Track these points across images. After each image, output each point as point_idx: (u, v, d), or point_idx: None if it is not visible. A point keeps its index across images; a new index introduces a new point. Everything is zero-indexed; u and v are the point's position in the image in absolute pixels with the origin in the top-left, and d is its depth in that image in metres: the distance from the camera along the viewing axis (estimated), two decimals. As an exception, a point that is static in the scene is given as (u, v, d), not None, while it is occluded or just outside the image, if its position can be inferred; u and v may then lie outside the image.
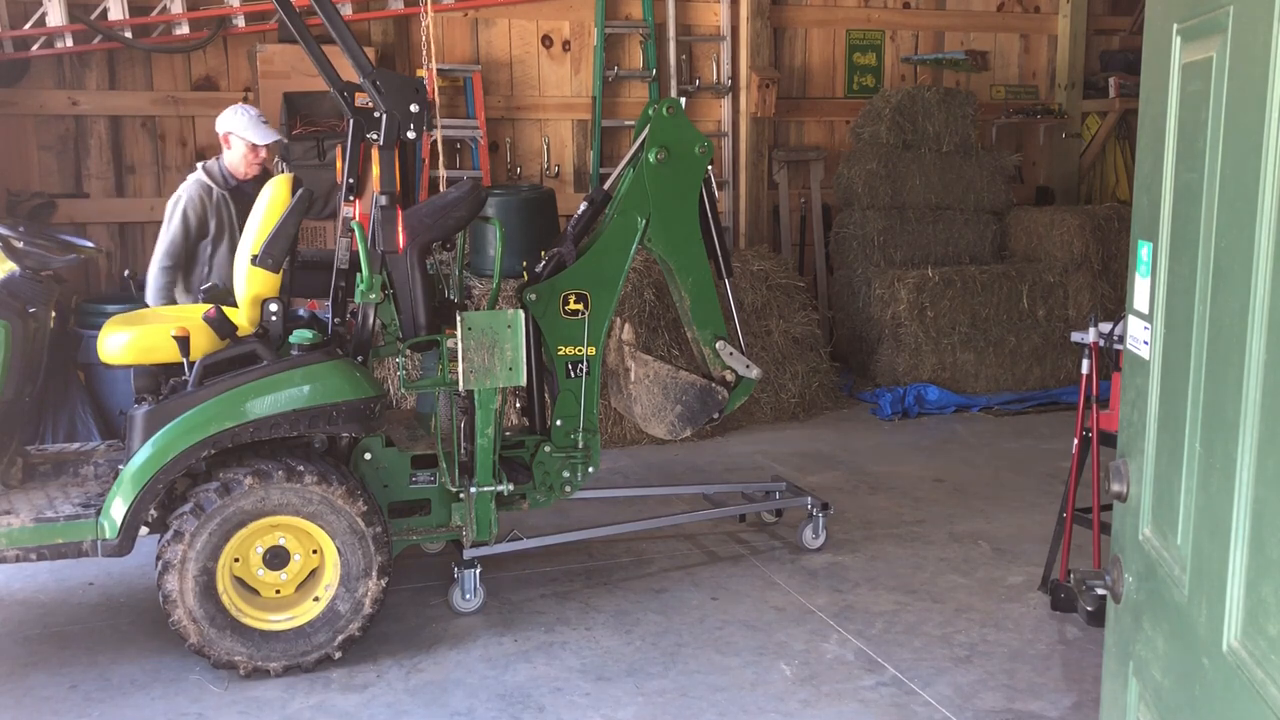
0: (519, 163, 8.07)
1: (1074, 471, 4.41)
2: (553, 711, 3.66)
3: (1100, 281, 8.12)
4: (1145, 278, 1.84)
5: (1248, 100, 1.40)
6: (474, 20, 7.84)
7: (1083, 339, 4.38)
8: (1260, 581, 1.35)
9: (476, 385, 4.05)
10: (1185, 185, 1.65)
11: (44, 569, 4.71)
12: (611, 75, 8.11)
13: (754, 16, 8.26)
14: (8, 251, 3.94)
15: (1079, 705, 3.69)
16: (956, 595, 4.57)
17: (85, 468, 4.24)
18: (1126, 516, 1.90)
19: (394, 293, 4.11)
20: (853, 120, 8.60)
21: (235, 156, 5.20)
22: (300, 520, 3.83)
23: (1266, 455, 1.34)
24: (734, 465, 6.38)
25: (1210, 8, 1.55)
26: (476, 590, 4.36)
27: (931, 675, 3.89)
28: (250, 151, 5.19)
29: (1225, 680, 1.44)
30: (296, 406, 3.79)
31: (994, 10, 9.22)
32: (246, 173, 5.22)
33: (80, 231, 6.68)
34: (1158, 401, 1.77)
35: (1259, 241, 1.36)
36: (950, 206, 8.40)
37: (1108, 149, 9.56)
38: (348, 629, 3.89)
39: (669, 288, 4.97)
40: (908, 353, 7.78)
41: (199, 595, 3.74)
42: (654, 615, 4.39)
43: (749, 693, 3.78)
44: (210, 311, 3.88)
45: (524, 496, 4.51)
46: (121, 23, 6.82)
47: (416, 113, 4.01)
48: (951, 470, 6.32)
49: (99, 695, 3.76)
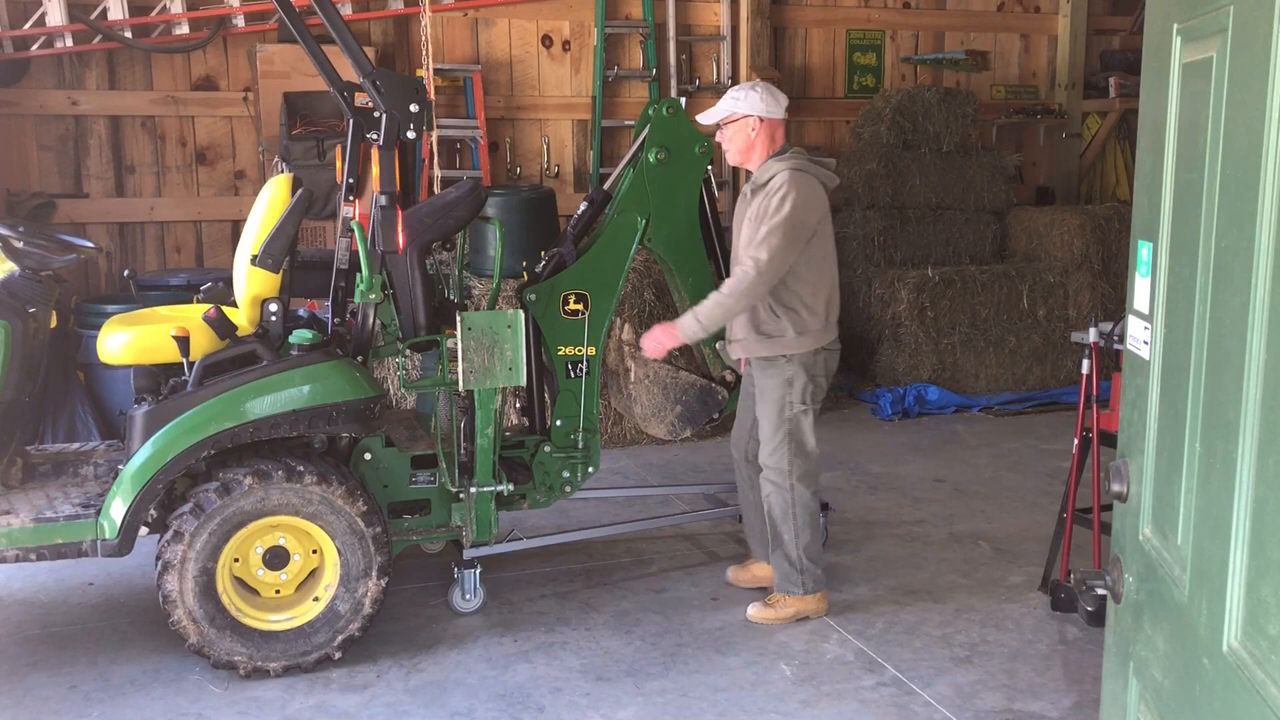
0: (519, 163, 8.07)
1: (1074, 471, 4.41)
2: (553, 711, 3.66)
3: (1100, 281, 8.12)
4: (1145, 278, 1.84)
5: (1248, 100, 1.40)
6: (474, 20, 7.84)
7: (1083, 339, 4.38)
8: (1260, 581, 1.35)
9: (476, 385, 4.05)
10: (1185, 185, 1.65)
11: (44, 569, 4.71)
12: (611, 75, 8.11)
13: (754, 16, 8.26)
14: (8, 251, 3.94)
15: (1079, 705, 3.69)
16: (956, 595, 4.57)
17: (85, 468, 4.24)
18: (1126, 516, 1.90)
19: (394, 293, 4.11)
20: (853, 120, 8.61)
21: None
22: (300, 520, 3.83)
23: (1266, 455, 1.34)
24: (734, 465, 6.36)
25: (1210, 8, 1.54)
26: (476, 590, 4.36)
27: (931, 675, 3.89)
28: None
29: (1225, 680, 1.44)
30: (296, 406, 3.79)
31: (994, 10, 9.22)
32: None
33: (80, 231, 6.68)
34: (1158, 401, 1.77)
35: (1259, 241, 1.36)
36: (950, 206, 8.40)
37: (1108, 149, 9.56)
38: (348, 629, 3.89)
39: (669, 288, 4.97)
40: (908, 353, 7.78)
41: (199, 595, 3.73)
42: (654, 615, 4.39)
43: (749, 693, 3.78)
44: (210, 311, 3.87)
45: (524, 496, 4.51)
46: (121, 23, 6.82)
47: (416, 113, 4.01)
48: (951, 470, 6.32)
49: (99, 695, 3.76)
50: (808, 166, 4.12)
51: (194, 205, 7.41)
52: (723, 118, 4.21)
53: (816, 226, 4.11)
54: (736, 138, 4.21)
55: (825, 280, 4.21)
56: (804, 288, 4.15)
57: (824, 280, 4.20)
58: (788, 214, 4.00)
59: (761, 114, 4.15)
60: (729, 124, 4.21)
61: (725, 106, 4.20)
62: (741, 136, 4.19)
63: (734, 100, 4.18)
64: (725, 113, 4.20)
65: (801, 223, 4.03)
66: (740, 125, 4.18)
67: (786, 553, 4.28)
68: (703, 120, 4.30)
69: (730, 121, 4.21)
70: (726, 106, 4.19)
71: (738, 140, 4.21)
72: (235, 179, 7.48)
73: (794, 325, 4.16)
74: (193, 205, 7.41)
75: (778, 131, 4.21)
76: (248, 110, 7.33)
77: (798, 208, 4.01)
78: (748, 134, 4.18)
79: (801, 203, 4.02)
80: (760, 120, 4.15)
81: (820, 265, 4.18)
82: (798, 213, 4.01)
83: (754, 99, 4.15)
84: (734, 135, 4.21)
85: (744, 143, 4.20)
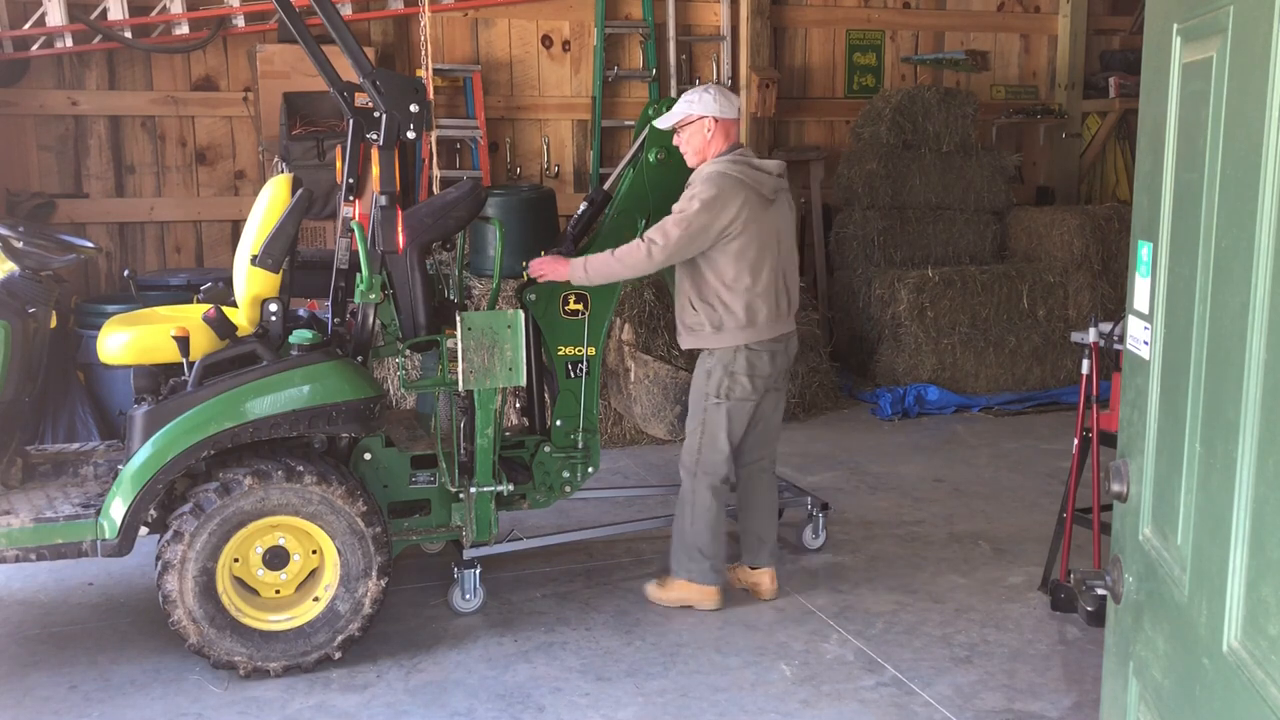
0: (519, 163, 8.07)
1: (1074, 471, 4.41)
2: (553, 711, 3.66)
3: (1100, 281, 8.12)
4: (1145, 278, 1.84)
5: (1248, 100, 1.40)
6: (474, 20, 7.84)
7: (1083, 339, 4.38)
8: (1260, 581, 1.35)
9: (476, 385, 4.05)
10: (1185, 185, 1.65)
11: (44, 569, 4.71)
12: (611, 75, 8.11)
13: (754, 16, 8.26)
14: (8, 251, 3.94)
15: (1079, 705, 3.69)
16: (956, 595, 4.57)
17: (85, 468, 4.24)
18: (1126, 516, 1.90)
19: (394, 293, 4.11)
20: (853, 120, 8.60)
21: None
22: (300, 520, 3.83)
23: (1266, 455, 1.34)
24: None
25: (1210, 8, 1.54)
26: (476, 590, 4.36)
27: (931, 675, 3.89)
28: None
29: (1225, 680, 1.44)
30: (296, 406, 3.79)
31: (994, 10, 9.22)
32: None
33: (80, 231, 6.68)
34: (1158, 401, 1.77)
35: (1259, 241, 1.36)
36: (950, 206, 8.40)
37: (1108, 149, 9.56)
38: (347, 629, 3.89)
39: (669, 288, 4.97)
40: (908, 353, 7.78)
41: (199, 595, 3.73)
42: (654, 615, 4.39)
43: (749, 693, 3.78)
44: (210, 311, 3.87)
45: (524, 496, 4.51)
46: (121, 23, 6.82)
47: (416, 113, 4.01)
48: (951, 470, 6.32)
49: (99, 695, 3.76)
50: (731, 169, 4.18)
51: (194, 205, 7.41)
52: (678, 120, 4.30)
53: (731, 227, 4.15)
54: (693, 139, 4.29)
55: (754, 282, 4.22)
56: (721, 286, 4.22)
57: (750, 282, 4.21)
58: (693, 211, 4.10)
59: (716, 114, 4.23)
60: (685, 126, 4.30)
61: (680, 110, 4.29)
62: (698, 138, 4.27)
63: (689, 103, 4.27)
64: (681, 115, 4.29)
65: (706, 224, 4.11)
66: (696, 127, 4.26)
67: (681, 538, 4.40)
68: (659, 125, 4.40)
69: (686, 124, 4.29)
70: (682, 110, 4.29)
71: (694, 141, 4.29)
72: (235, 179, 7.48)
73: (710, 321, 4.25)
74: (193, 205, 7.41)
75: (731, 131, 4.29)
76: (248, 110, 7.33)
77: (705, 206, 4.10)
78: (704, 135, 4.26)
79: (710, 202, 4.10)
80: (715, 121, 4.23)
81: (745, 266, 4.20)
82: (703, 212, 4.09)
83: (708, 100, 4.24)
84: (690, 137, 4.30)
85: (700, 144, 4.28)
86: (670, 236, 4.11)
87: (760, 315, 4.25)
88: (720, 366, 4.28)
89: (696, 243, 4.14)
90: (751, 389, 4.29)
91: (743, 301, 4.21)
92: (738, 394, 4.28)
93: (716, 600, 4.40)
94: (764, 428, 4.46)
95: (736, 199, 4.14)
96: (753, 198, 4.18)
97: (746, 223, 4.16)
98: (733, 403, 4.29)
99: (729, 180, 4.14)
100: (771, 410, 4.46)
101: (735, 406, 4.29)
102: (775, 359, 4.33)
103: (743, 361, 4.26)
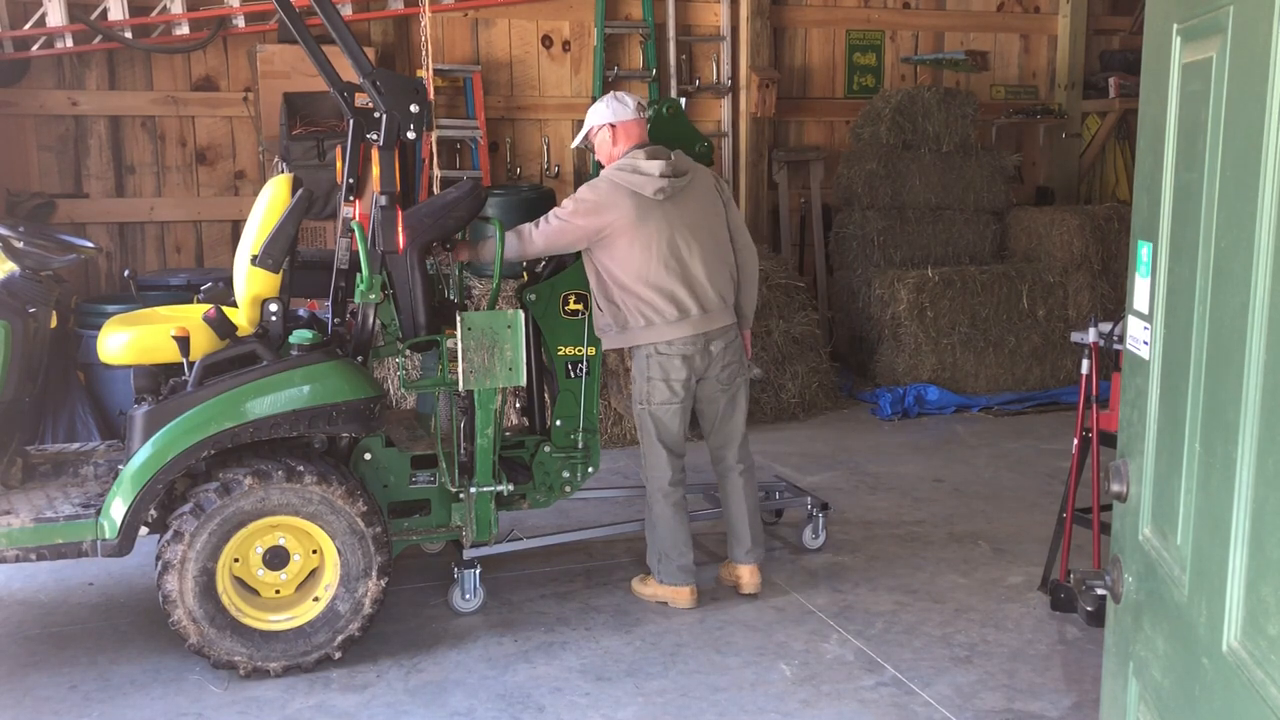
0: (519, 163, 8.07)
1: (1074, 471, 4.41)
2: (553, 711, 3.66)
3: (1100, 281, 8.12)
4: (1145, 278, 1.84)
5: (1248, 100, 1.40)
6: (474, 20, 7.84)
7: (1083, 339, 4.38)
8: (1260, 581, 1.35)
9: (476, 385, 4.05)
10: (1185, 185, 1.65)
11: (44, 569, 4.71)
12: (611, 75, 8.11)
13: (754, 16, 8.27)
14: (8, 251, 3.94)
15: (1079, 705, 3.69)
16: (956, 595, 4.58)
17: (85, 468, 4.24)
18: (1126, 516, 1.90)
19: (394, 293, 4.11)
20: (853, 120, 8.60)
21: None
22: (300, 520, 3.83)
23: (1266, 455, 1.34)
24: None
25: (1210, 8, 1.54)
26: (476, 590, 4.36)
27: (931, 675, 3.89)
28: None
29: (1225, 680, 1.44)
30: (296, 406, 3.79)
31: (994, 10, 9.23)
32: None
33: (80, 231, 6.68)
34: (1158, 401, 1.77)
35: (1259, 241, 1.36)
36: (950, 206, 8.40)
37: (1108, 149, 9.56)
38: (347, 629, 3.89)
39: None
40: (907, 353, 7.78)
41: (199, 595, 3.73)
42: (654, 615, 4.39)
43: (749, 693, 3.78)
44: (210, 311, 3.87)
45: (524, 496, 4.52)
46: (121, 23, 6.82)
47: (416, 113, 4.01)
48: (951, 470, 6.32)
49: (99, 695, 3.76)
50: (614, 174, 4.27)
51: (194, 205, 7.41)
52: (583, 139, 4.48)
53: (606, 230, 4.20)
54: (601, 147, 4.42)
55: (645, 282, 4.22)
56: (616, 287, 4.27)
57: (642, 282, 4.22)
58: (566, 210, 4.24)
59: (610, 120, 4.35)
60: (592, 140, 4.44)
61: (584, 128, 4.46)
62: (605, 146, 4.40)
63: (588, 119, 4.43)
64: (584, 132, 4.47)
65: (580, 225, 4.21)
66: (599, 137, 4.40)
67: (649, 541, 4.51)
68: (572, 146, 4.49)
69: (592, 138, 4.43)
70: (584, 127, 4.45)
71: (603, 150, 4.42)
72: (235, 179, 7.48)
73: (615, 321, 4.33)
74: (193, 205, 7.41)
75: (632, 131, 4.37)
76: (248, 110, 7.33)
77: (576, 206, 4.21)
78: (608, 142, 4.37)
79: (582, 202, 4.22)
80: (612, 126, 4.35)
81: (633, 267, 4.22)
82: (576, 214, 4.21)
83: (600, 109, 4.38)
84: (599, 147, 4.44)
85: (607, 151, 4.40)
86: (545, 229, 4.24)
87: (660, 316, 4.24)
88: (639, 372, 4.36)
89: (567, 237, 4.24)
90: (670, 393, 4.31)
91: (637, 301, 4.24)
92: (657, 399, 4.33)
93: (689, 600, 4.42)
94: (719, 428, 4.48)
95: (612, 202, 4.20)
96: (635, 199, 4.22)
97: (630, 225, 4.19)
98: (655, 407, 4.34)
99: (606, 184, 4.24)
100: (720, 411, 4.46)
101: (658, 410, 4.34)
102: (692, 361, 4.30)
103: (656, 366, 4.30)
